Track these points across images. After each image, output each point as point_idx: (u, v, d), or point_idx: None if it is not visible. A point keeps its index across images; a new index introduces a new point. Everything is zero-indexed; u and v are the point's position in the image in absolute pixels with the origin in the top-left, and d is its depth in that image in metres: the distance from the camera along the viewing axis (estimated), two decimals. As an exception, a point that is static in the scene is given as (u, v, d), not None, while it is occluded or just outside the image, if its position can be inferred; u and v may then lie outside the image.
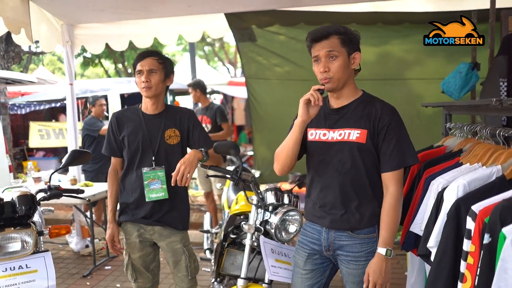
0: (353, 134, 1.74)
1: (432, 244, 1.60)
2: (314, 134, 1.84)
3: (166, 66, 2.28)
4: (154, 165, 2.28)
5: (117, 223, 2.39)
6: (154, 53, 2.28)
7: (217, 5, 3.99)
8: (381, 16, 4.17)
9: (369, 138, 1.72)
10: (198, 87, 4.95)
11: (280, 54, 4.75)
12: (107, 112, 8.80)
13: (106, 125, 5.05)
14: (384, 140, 1.71)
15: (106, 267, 4.16)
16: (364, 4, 4.12)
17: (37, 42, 4.49)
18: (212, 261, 3.14)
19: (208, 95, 5.41)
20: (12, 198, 2.01)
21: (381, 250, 1.70)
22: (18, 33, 3.53)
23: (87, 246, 4.58)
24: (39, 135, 8.40)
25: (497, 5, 3.11)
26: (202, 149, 2.23)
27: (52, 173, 2.36)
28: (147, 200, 2.27)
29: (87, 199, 2.64)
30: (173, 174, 2.09)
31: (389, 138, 1.71)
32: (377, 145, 1.73)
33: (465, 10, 3.62)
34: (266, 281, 2.22)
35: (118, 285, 3.72)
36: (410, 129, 4.98)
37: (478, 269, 1.23)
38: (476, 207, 1.34)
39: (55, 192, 2.23)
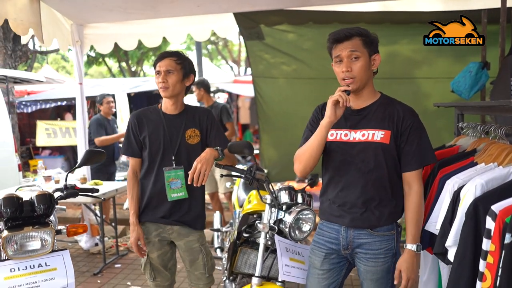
0: (377, 135, 1.77)
1: (451, 243, 1.62)
2: (335, 135, 1.86)
3: (185, 66, 2.29)
4: (174, 164, 2.30)
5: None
6: (173, 53, 2.29)
7: (225, 5, 4.00)
8: (390, 15, 4.17)
9: (392, 139, 1.76)
10: (202, 85, 4.93)
11: (288, 52, 4.75)
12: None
13: (105, 135, 4.93)
14: (407, 141, 1.77)
15: (116, 265, 4.19)
16: (372, 4, 4.12)
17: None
18: (224, 259, 3.17)
19: (212, 94, 5.41)
20: (31, 198, 2.04)
21: (412, 247, 1.76)
22: (26, 34, 3.56)
23: (96, 244, 4.62)
24: (46, 133, 8.45)
25: (509, 4, 3.11)
26: (218, 147, 2.24)
27: (68, 173, 2.38)
28: (169, 199, 2.29)
29: (102, 198, 2.67)
30: (190, 172, 2.11)
31: (412, 139, 1.76)
32: (399, 145, 1.78)
33: (474, 10, 3.62)
34: (280, 279, 2.25)
35: (128, 283, 3.75)
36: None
37: (500, 269, 1.25)
38: (496, 207, 1.35)
39: (71, 191, 2.26)
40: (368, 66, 1.77)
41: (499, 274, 1.25)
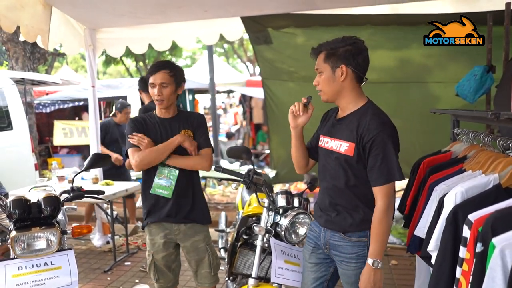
0: (343, 146, 1.83)
1: (432, 248, 1.67)
2: (322, 141, 1.97)
3: (177, 78, 2.39)
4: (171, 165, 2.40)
5: (142, 227, 2.55)
6: (165, 66, 2.37)
7: (232, 9, 4.07)
8: (397, 18, 4.17)
9: (356, 151, 1.79)
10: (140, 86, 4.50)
11: (296, 55, 4.78)
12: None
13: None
14: (370, 155, 1.76)
15: (126, 263, 4.32)
16: (380, 6, 4.13)
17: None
18: (226, 260, 3.26)
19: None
20: (38, 199, 2.15)
21: (369, 261, 1.77)
22: (34, 41, 3.70)
23: (108, 242, 4.76)
24: (63, 133, 8.69)
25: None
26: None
27: (75, 175, 2.50)
28: (151, 192, 2.41)
29: (107, 200, 2.77)
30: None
31: (375, 153, 1.74)
32: (364, 158, 1.79)
33: (481, 12, 3.62)
34: (271, 281, 2.31)
35: (137, 281, 3.87)
36: (426, 130, 4.91)
37: (471, 276, 1.29)
38: (472, 216, 1.39)
39: (77, 193, 2.37)
40: (331, 79, 1.81)
41: (470, 281, 1.29)
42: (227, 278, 2.83)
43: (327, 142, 1.92)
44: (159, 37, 4.68)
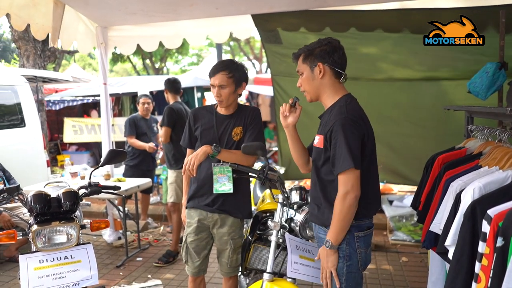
0: (316, 140, 1.93)
1: (449, 242, 1.68)
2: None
3: (236, 78, 2.44)
4: (222, 161, 2.46)
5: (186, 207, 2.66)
6: (225, 67, 2.43)
7: (243, 7, 4.09)
8: (408, 17, 4.15)
9: (324, 143, 1.87)
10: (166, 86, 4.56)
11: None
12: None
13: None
14: (330, 145, 1.83)
15: (138, 259, 4.36)
16: (391, 3, 4.12)
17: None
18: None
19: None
20: (58, 194, 2.19)
21: (325, 242, 1.87)
22: (43, 38, 3.76)
23: (119, 238, 4.81)
24: (73, 130, 8.76)
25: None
26: (214, 144, 2.41)
27: (92, 171, 2.54)
28: (214, 192, 2.48)
29: (123, 195, 2.80)
30: (183, 165, 2.41)
31: (333, 143, 1.81)
32: (329, 150, 1.84)
33: (493, 6, 3.61)
34: (287, 276, 2.34)
35: (149, 276, 3.91)
36: (438, 127, 4.86)
37: (492, 271, 1.31)
38: (492, 212, 1.41)
39: (95, 188, 2.42)
40: (310, 78, 1.90)
41: (491, 275, 1.31)
42: (239, 273, 2.86)
43: (315, 139, 1.99)
44: (170, 35, 4.72)
